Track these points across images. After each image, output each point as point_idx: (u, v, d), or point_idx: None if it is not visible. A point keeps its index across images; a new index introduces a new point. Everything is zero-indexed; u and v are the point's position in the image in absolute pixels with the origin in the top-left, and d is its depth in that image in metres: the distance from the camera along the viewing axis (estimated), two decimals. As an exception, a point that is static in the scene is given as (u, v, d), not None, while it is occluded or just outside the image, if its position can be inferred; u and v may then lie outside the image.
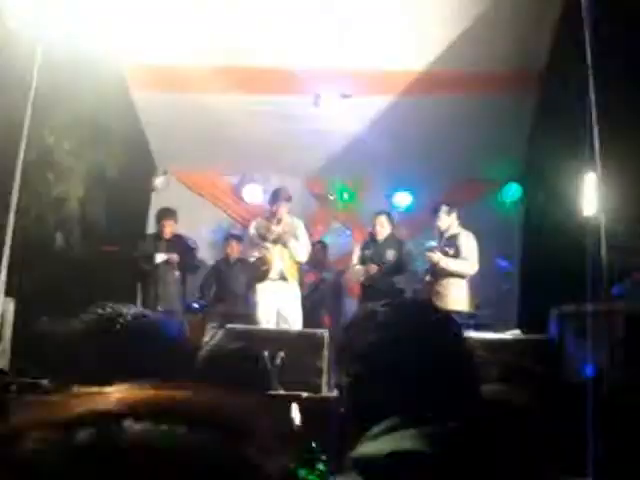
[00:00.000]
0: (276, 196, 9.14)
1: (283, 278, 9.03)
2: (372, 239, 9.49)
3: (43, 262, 9.19)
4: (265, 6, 8.45)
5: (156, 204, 11.09)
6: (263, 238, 8.98)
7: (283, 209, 9.07)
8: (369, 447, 1.65)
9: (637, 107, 7.68)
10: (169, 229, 9.81)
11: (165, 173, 11.34)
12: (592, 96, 6.91)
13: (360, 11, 8.45)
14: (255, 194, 11.35)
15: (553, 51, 8.81)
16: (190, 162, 11.13)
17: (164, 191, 11.28)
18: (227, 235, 10.71)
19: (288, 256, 9.06)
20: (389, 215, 9.52)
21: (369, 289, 9.14)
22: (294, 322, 8.93)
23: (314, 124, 10.16)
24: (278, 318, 8.98)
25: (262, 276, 9.03)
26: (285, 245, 8.99)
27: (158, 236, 9.87)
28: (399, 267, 9.27)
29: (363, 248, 9.48)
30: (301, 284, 9.52)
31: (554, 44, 8.72)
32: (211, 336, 9.79)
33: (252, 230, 9.19)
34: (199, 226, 10.94)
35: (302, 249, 9.14)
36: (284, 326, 8.83)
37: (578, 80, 7.48)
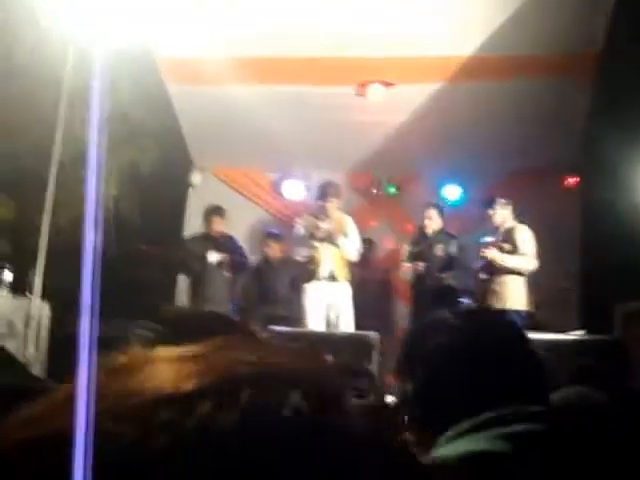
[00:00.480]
0: (325, 191, 8.77)
1: (333, 278, 8.62)
2: (422, 234, 9.06)
3: (79, 264, 8.92)
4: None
5: (193, 201, 10.85)
6: (311, 236, 8.58)
7: (332, 205, 8.67)
8: (445, 450, 1.64)
9: None
10: (218, 227, 9.47)
11: (202, 169, 10.96)
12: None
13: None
14: (295, 190, 10.99)
15: (610, 31, 8.34)
16: (228, 158, 10.78)
17: (201, 188, 10.94)
18: (265, 234, 10.25)
19: (338, 255, 8.64)
20: (439, 207, 9.07)
21: (417, 287, 8.71)
22: (345, 324, 8.52)
23: (357, 115, 9.75)
24: (328, 320, 8.58)
25: (311, 276, 8.62)
26: (334, 243, 8.58)
27: (207, 235, 9.52)
28: (449, 263, 8.83)
29: (412, 244, 9.06)
30: (352, 283, 9.05)
31: (611, 24, 8.25)
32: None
33: (300, 227, 8.80)
34: (238, 224, 10.47)
35: (352, 247, 8.73)
36: (334, 328, 8.45)
37: (637, 65, 7.11)
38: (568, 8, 8.12)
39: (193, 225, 10.59)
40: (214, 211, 9.55)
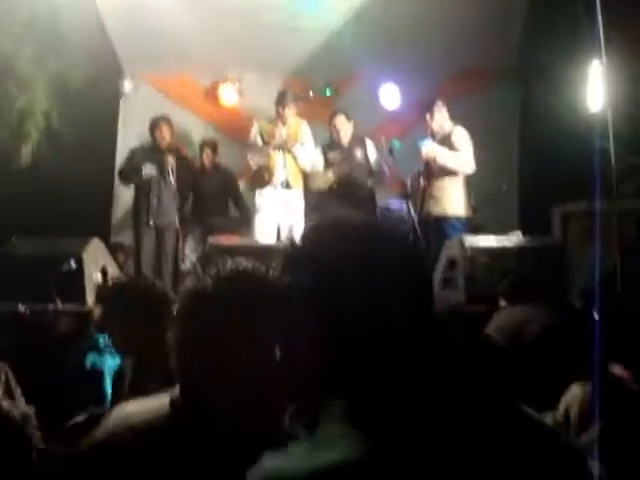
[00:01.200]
0: (283, 96, 8.59)
1: (287, 185, 8.49)
2: (335, 141, 8.86)
3: (10, 179, 8.71)
4: None
5: (125, 110, 10.56)
6: (266, 143, 8.43)
7: (290, 111, 8.53)
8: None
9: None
10: (167, 138, 9.21)
11: (133, 77, 10.63)
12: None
13: None
14: (230, 95, 10.68)
15: None
16: (159, 65, 10.38)
17: (133, 96, 10.62)
18: (201, 142, 9.99)
19: (293, 163, 8.51)
20: (347, 114, 8.88)
21: (340, 193, 8.56)
22: (298, 232, 8.42)
23: (289, 19, 9.57)
24: (279, 229, 8.49)
25: (263, 183, 8.47)
26: (289, 151, 8.44)
27: (154, 147, 9.23)
28: (369, 168, 8.75)
29: (325, 151, 8.85)
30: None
31: None
32: (191, 250, 9.37)
33: (254, 131, 8.62)
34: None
35: (307, 154, 8.59)
36: (288, 236, 8.37)
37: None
38: None
39: (126, 134, 10.36)
40: (161, 120, 9.24)
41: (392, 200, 8.84)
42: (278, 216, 8.53)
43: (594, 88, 7.01)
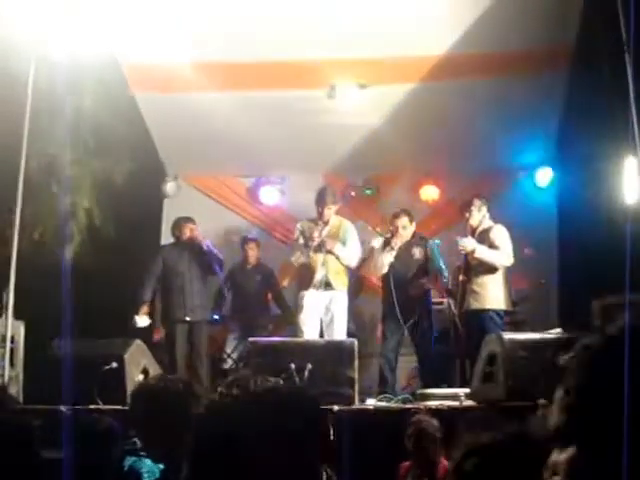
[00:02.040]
0: (322, 196, 8.65)
1: (327, 285, 8.52)
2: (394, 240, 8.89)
3: (52, 280, 8.81)
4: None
5: (168, 211, 10.71)
6: (306, 244, 8.51)
7: (329, 210, 8.60)
8: None
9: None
10: (191, 233, 9.26)
11: (176, 178, 10.87)
12: (629, 74, 6.49)
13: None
14: (271, 195, 10.86)
15: (583, 27, 8.31)
16: (201, 165, 10.70)
17: (176, 197, 10.85)
18: (243, 239, 10.12)
19: (333, 262, 8.55)
20: (409, 214, 8.91)
21: (399, 291, 8.59)
22: (338, 332, 8.42)
23: (331, 118, 9.65)
24: (322, 327, 8.50)
25: (305, 284, 8.53)
26: (329, 251, 8.49)
27: (177, 243, 9.37)
28: (426, 266, 8.74)
29: (385, 245, 8.86)
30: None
31: (583, 20, 8.22)
32: (233, 349, 9.40)
33: (297, 232, 8.72)
34: (214, 231, 10.34)
35: (349, 253, 8.62)
36: (328, 336, 8.36)
37: (611, 58, 7.06)
38: (540, 3, 8.12)
39: (169, 235, 10.49)
40: (184, 220, 9.35)
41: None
42: (319, 315, 8.53)
43: (630, 180, 7.04)
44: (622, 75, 6.59)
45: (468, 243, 8.07)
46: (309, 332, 8.38)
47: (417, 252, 8.72)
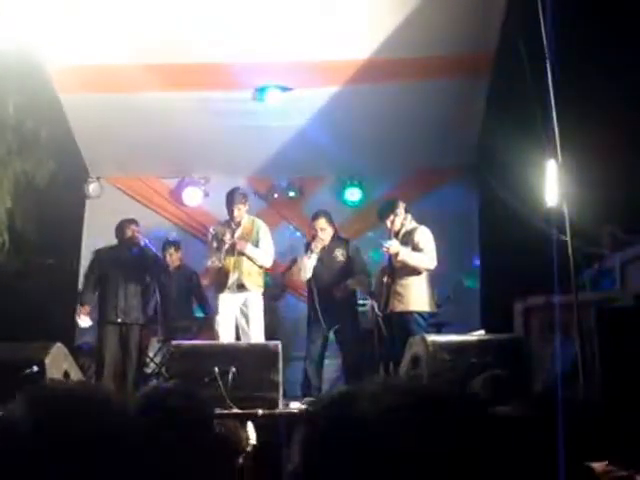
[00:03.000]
0: (231, 198, 8.60)
1: (241, 287, 8.49)
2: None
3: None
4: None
5: (91, 212, 10.59)
6: (218, 248, 8.46)
7: (238, 211, 8.55)
8: None
9: (597, 90, 7.41)
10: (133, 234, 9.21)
11: (98, 179, 10.77)
12: (549, 80, 6.61)
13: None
14: (195, 196, 10.81)
15: (504, 34, 8.45)
16: (124, 166, 10.62)
17: (98, 198, 10.75)
18: (164, 242, 10.05)
19: (246, 263, 8.52)
20: (327, 215, 8.95)
21: (322, 293, 8.63)
22: (255, 333, 8.41)
23: (255, 120, 9.67)
24: (238, 330, 8.46)
25: (221, 286, 8.50)
26: (241, 252, 8.46)
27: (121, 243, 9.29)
28: (350, 268, 8.78)
29: (306, 253, 8.89)
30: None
31: (504, 27, 8.35)
32: (156, 352, 9.33)
33: (210, 236, 8.66)
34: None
35: (262, 254, 8.59)
36: (245, 338, 8.34)
37: (532, 64, 7.18)
38: (462, 10, 8.20)
39: (91, 235, 10.40)
40: (127, 221, 9.26)
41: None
42: (235, 318, 8.51)
43: (550, 184, 7.16)
44: (542, 81, 6.70)
45: (392, 245, 8.12)
46: (224, 334, 8.35)
47: (339, 254, 8.76)
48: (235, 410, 6.38)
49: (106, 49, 8.45)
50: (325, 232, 8.76)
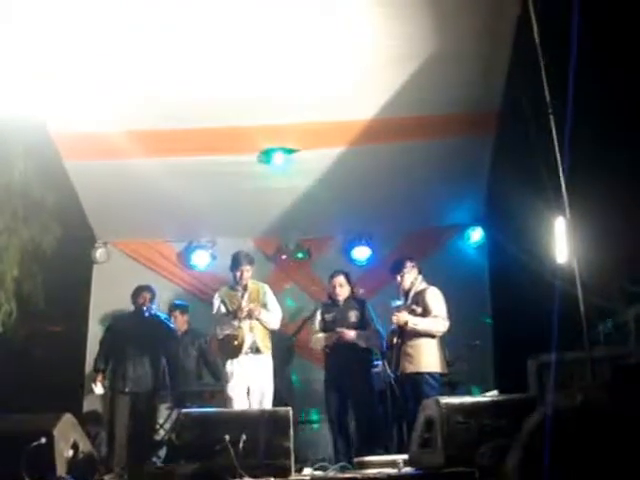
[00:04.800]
0: (237, 260, 8.55)
1: (256, 350, 8.42)
2: (332, 302, 8.93)
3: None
4: (201, 62, 7.97)
5: (98, 277, 10.59)
6: (234, 315, 8.38)
7: (246, 274, 8.50)
8: None
9: (601, 150, 7.40)
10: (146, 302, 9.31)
11: (105, 244, 10.77)
12: (554, 136, 6.61)
13: (302, 62, 8.03)
14: (202, 259, 10.79)
15: (508, 91, 8.48)
16: (131, 231, 10.62)
17: (106, 263, 10.74)
18: (171, 306, 10.00)
19: (259, 327, 8.46)
20: (346, 274, 8.96)
21: (334, 354, 8.58)
22: (266, 398, 8.32)
23: (261, 182, 9.68)
24: (250, 394, 8.36)
25: (232, 352, 8.40)
26: (256, 318, 8.41)
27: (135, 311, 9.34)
28: (363, 329, 8.72)
29: (324, 312, 8.90)
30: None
31: (509, 84, 8.39)
32: (165, 419, 9.24)
33: (217, 302, 8.57)
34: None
35: (273, 317, 8.54)
36: (255, 403, 8.24)
37: (536, 121, 7.20)
38: (465, 69, 8.23)
39: (98, 301, 10.38)
40: (141, 288, 9.38)
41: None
42: (249, 382, 8.41)
43: (559, 241, 7.14)
44: (547, 138, 6.70)
45: (401, 317, 8.07)
46: (239, 400, 8.25)
47: (353, 315, 8.72)
48: (247, 479, 6.29)
49: (112, 117, 8.46)
50: (343, 289, 8.76)
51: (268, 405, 8.19)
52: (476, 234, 10.59)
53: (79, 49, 7.61)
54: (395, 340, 8.22)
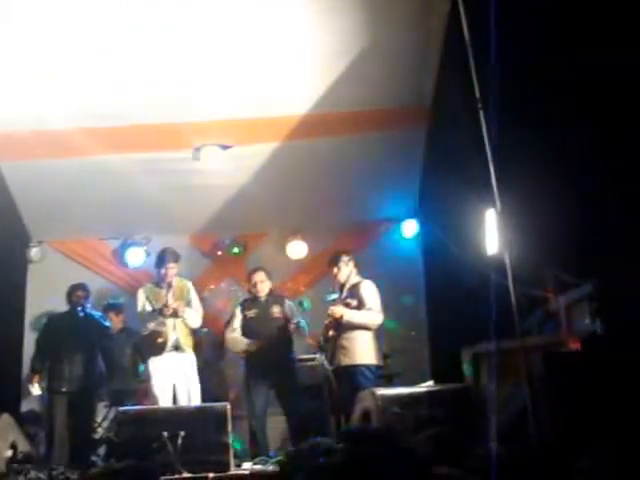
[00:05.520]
0: (163, 258, 8.58)
1: (179, 348, 8.43)
2: (252, 298, 8.92)
3: None
4: (135, 59, 7.93)
5: (33, 276, 10.52)
6: (159, 312, 8.39)
7: (171, 271, 8.51)
8: None
9: (529, 141, 7.52)
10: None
11: (40, 243, 10.66)
12: (484, 130, 6.71)
13: (236, 57, 8.03)
14: (137, 257, 10.73)
15: (439, 86, 8.58)
16: (66, 229, 10.52)
17: (41, 262, 10.64)
18: (105, 305, 9.95)
19: (182, 325, 8.48)
20: (266, 270, 8.99)
21: (260, 350, 8.58)
22: (193, 395, 8.34)
23: (196, 178, 9.66)
24: (175, 392, 8.37)
25: (159, 350, 8.40)
26: (180, 315, 8.43)
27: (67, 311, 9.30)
28: (286, 325, 8.74)
29: (244, 309, 8.90)
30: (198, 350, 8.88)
31: (440, 79, 8.49)
32: (103, 418, 9.21)
33: (142, 298, 8.57)
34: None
35: (195, 315, 8.58)
36: (182, 400, 8.26)
37: (466, 115, 7.29)
38: (397, 64, 8.31)
39: (35, 300, 10.29)
40: (75, 287, 9.33)
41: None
42: (174, 380, 8.42)
43: (490, 232, 7.25)
44: (478, 131, 6.80)
45: (337, 311, 8.14)
46: (163, 398, 8.27)
47: (276, 311, 8.76)
48: (186, 475, 6.32)
49: (43, 114, 8.38)
50: (264, 284, 8.79)
51: (196, 402, 8.21)
52: (410, 227, 10.67)
53: (9, 49, 7.54)
54: (331, 333, 8.30)
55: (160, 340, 8.36)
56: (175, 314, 8.41)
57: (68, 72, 7.96)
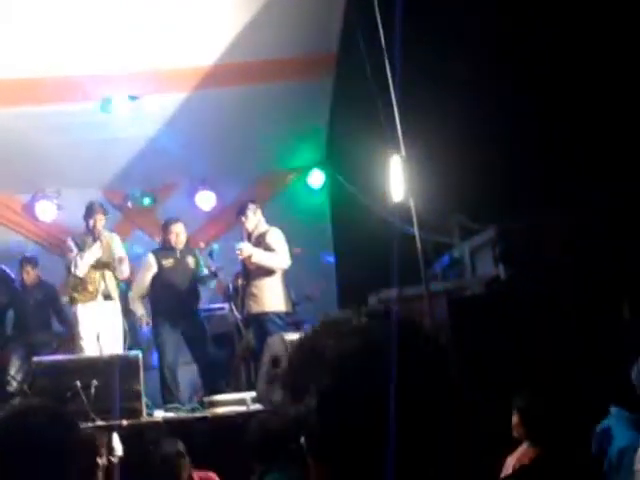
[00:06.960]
0: (91, 209, 8.54)
1: (107, 297, 8.45)
2: (166, 248, 8.92)
3: None
4: (40, 11, 7.82)
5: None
6: (82, 257, 8.39)
7: (99, 222, 8.50)
8: None
9: (435, 88, 7.67)
10: None
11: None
12: (389, 77, 6.81)
13: (142, 7, 7.98)
14: (48, 210, 10.59)
15: (345, 34, 8.65)
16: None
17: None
18: (21, 259, 9.84)
19: (109, 274, 8.48)
20: (183, 222, 8.98)
21: (174, 298, 8.61)
22: (118, 343, 8.36)
23: (105, 131, 9.59)
24: (99, 340, 8.36)
25: (88, 297, 8.41)
26: (107, 266, 8.43)
27: None
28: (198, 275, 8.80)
29: (160, 258, 8.90)
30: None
31: (346, 26, 8.56)
32: (17, 370, 9.16)
33: (72, 244, 8.53)
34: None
35: (125, 267, 8.57)
36: (107, 348, 8.26)
37: (372, 62, 7.37)
38: (302, 12, 8.36)
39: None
40: None
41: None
42: (98, 328, 8.43)
43: (395, 179, 7.35)
44: (383, 79, 6.89)
45: (245, 248, 8.19)
46: (89, 346, 8.27)
47: (191, 261, 8.79)
48: (99, 422, 6.37)
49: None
50: (183, 235, 8.80)
51: (119, 350, 8.23)
52: (318, 177, 10.76)
53: None
54: (240, 282, 8.38)
55: (91, 289, 8.37)
56: (106, 265, 8.41)
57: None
